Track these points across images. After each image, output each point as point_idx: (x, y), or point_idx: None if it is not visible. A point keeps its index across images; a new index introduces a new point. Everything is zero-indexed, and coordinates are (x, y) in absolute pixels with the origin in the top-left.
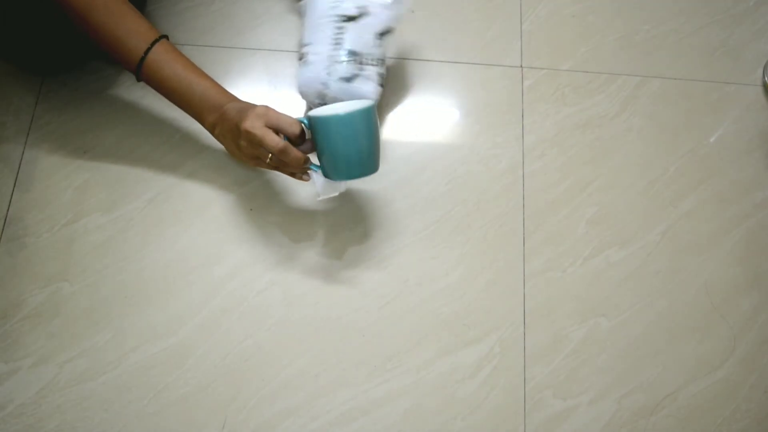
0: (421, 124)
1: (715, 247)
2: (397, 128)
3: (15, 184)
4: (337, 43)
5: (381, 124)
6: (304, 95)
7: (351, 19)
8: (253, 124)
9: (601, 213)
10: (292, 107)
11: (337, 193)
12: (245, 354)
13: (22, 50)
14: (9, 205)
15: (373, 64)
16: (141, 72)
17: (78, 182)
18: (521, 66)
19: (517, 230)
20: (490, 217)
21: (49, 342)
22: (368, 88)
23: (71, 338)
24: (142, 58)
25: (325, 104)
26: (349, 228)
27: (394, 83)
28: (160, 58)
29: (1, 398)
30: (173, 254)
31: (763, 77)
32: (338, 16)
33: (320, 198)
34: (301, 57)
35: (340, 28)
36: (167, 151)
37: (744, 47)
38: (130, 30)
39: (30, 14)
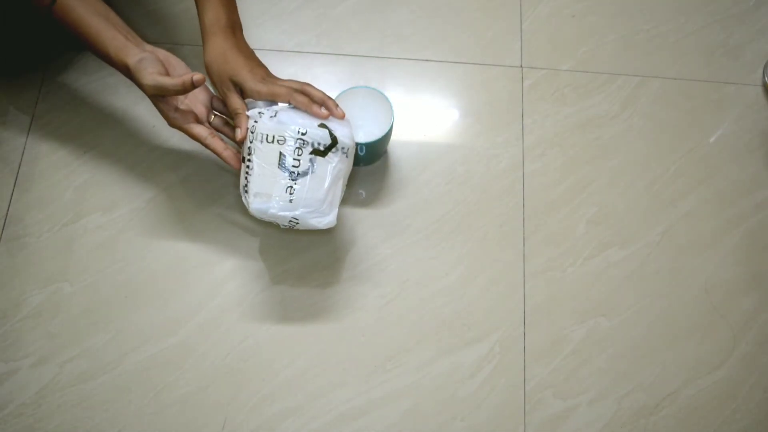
0: (421, 124)
1: (715, 247)
2: (397, 128)
3: (15, 184)
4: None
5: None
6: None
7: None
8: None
9: (601, 213)
10: None
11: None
12: (245, 354)
13: (20, 43)
14: (9, 205)
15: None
16: (52, 11)
17: (78, 182)
18: (521, 66)
19: (517, 230)
20: (490, 217)
21: (49, 342)
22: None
23: (71, 338)
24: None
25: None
26: (349, 228)
27: (394, 83)
28: (70, 3)
29: (1, 398)
30: (173, 254)
31: (763, 77)
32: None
33: None
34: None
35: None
36: (167, 151)
37: (744, 47)
38: None
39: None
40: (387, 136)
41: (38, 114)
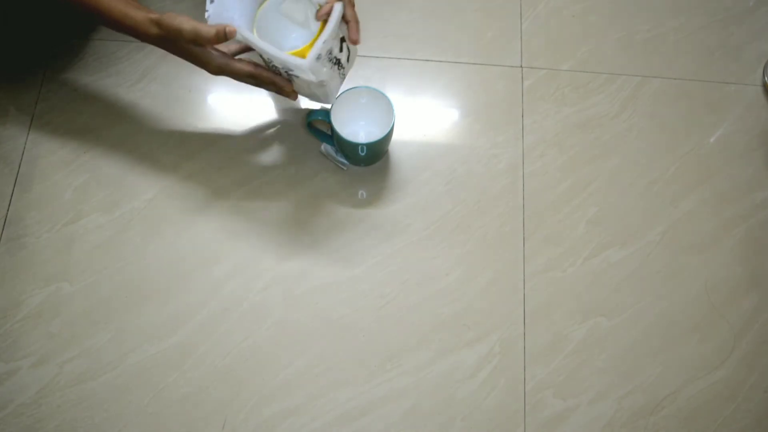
0: (421, 124)
1: (715, 247)
2: (398, 128)
3: (15, 184)
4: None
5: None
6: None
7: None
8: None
9: (601, 213)
10: (299, 104)
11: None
12: (245, 354)
13: (21, 43)
14: (9, 205)
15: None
16: None
17: (78, 182)
18: (521, 66)
19: (517, 230)
20: (490, 217)
21: (49, 342)
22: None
23: (71, 338)
24: None
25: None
26: (349, 228)
27: (394, 83)
28: None
29: (1, 398)
30: (173, 254)
31: (763, 77)
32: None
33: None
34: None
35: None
36: (167, 151)
37: (744, 47)
38: None
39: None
40: (388, 136)
41: (38, 114)
